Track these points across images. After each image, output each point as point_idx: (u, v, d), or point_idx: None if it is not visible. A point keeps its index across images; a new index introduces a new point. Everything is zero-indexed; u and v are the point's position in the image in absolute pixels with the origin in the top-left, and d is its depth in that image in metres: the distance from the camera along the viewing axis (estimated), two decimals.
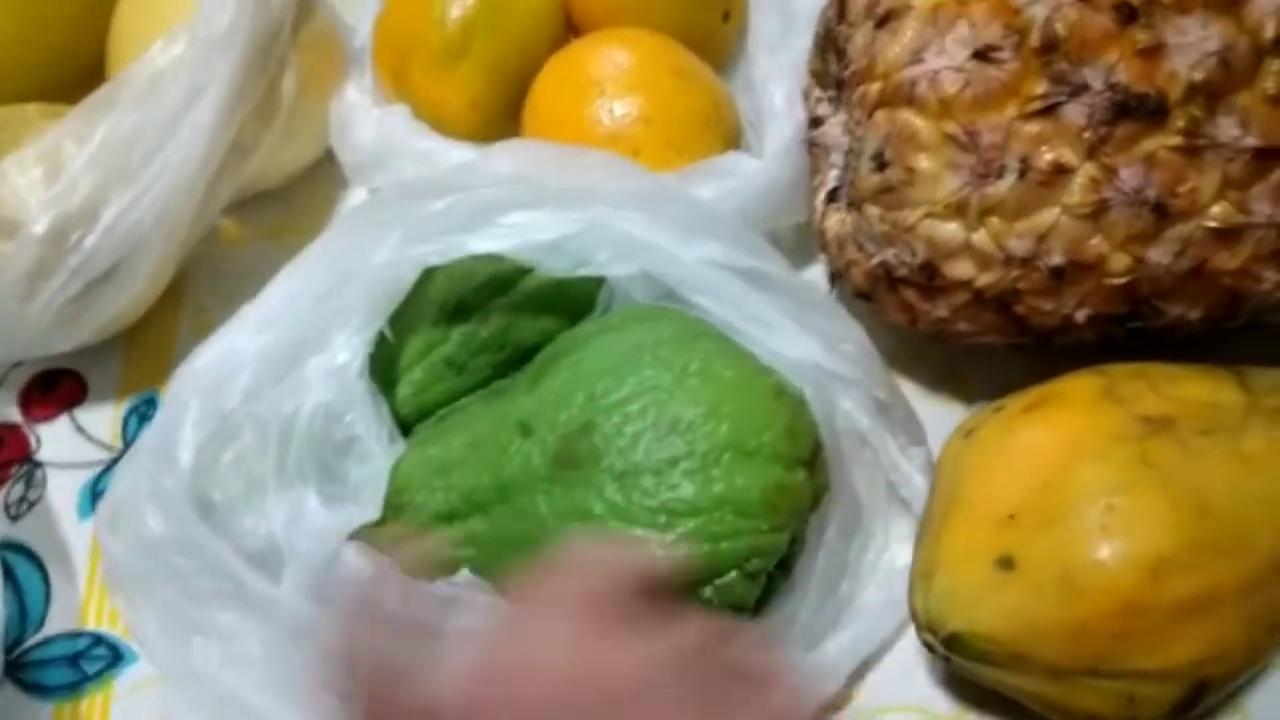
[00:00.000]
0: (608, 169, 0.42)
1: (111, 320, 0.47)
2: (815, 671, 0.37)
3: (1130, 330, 0.38)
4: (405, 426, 0.40)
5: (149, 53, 0.44)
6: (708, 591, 0.34)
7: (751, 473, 0.34)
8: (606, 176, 0.41)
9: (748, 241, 0.40)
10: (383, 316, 0.39)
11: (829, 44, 0.41)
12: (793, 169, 0.45)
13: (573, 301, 0.41)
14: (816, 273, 0.48)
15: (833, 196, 0.42)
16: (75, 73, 0.52)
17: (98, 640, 0.44)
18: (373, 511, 0.38)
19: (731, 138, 0.47)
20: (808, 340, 0.39)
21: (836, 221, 0.40)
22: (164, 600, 0.37)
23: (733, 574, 0.34)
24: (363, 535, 0.37)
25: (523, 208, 0.41)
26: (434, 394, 0.41)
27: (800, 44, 0.46)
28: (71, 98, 0.49)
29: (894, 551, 0.39)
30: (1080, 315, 0.37)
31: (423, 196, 0.41)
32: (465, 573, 0.35)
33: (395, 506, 0.38)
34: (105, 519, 0.39)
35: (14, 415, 0.49)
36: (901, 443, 0.40)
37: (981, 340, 0.40)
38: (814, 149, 0.43)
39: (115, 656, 0.43)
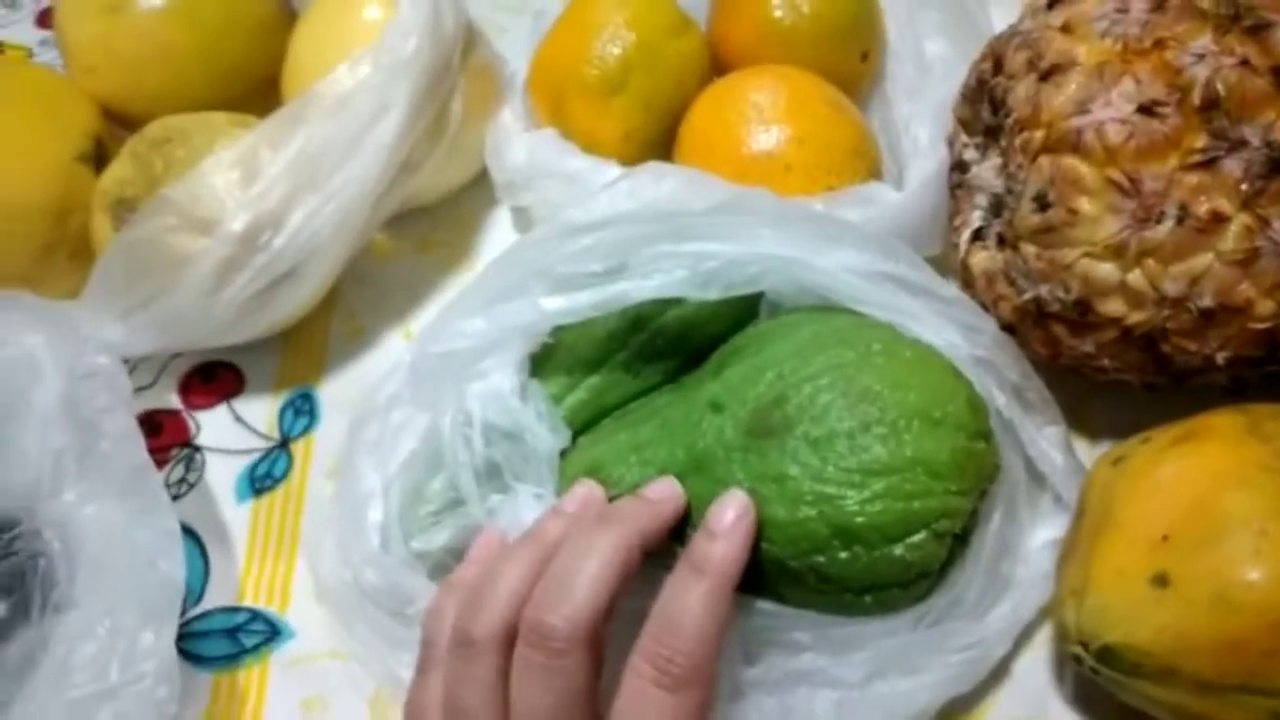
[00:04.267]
0: (747, 194, 0.44)
1: (280, 319, 0.50)
2: (985, 638, 0.39)
3: (1262, 374, 0.41)
4: (578, 430, 0.43)
5: (337, 73, 0.47)
6: (899, 549, 0.36)
7: (939, 438, 0.36)
8: (746, 201, 0.44)
9: (883, 247, 0.43)
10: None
11: (980, 94, 0.44)
12: (932, 203, 0.47)
13: (739, 311, 0.44)
14: None
15: (977, 235, 0.44)
16: (248, 87, 0.55)
17: (255, 616, 0.46)
18: None
19: (875, 168, 0.50)
20: (948, 328, 0.41)
21: (985, 258, 0.43)
22: (370, 619, 0.41)
23: (923, 533, 0.36)
24: None
25: (668, 240, 0.43)
26: (611, 397, 0.43)
27: (939, 90, 0.49)
28: (244, 110, 0.53)
29: (1037, 528, 0.42)
30: (1221, 357, 0.39)
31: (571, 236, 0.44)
32: None
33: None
34: (310, 548, 0.45)
35: (174, 402, 0.52)
36: (1038, 422, 0.42)
37: (1119, 377, 0.42)
38: (958, 191, 0.46)
39: (273, 632, 0.46)
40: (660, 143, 0.52)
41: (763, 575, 0.38)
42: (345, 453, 0.45)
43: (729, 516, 0.36)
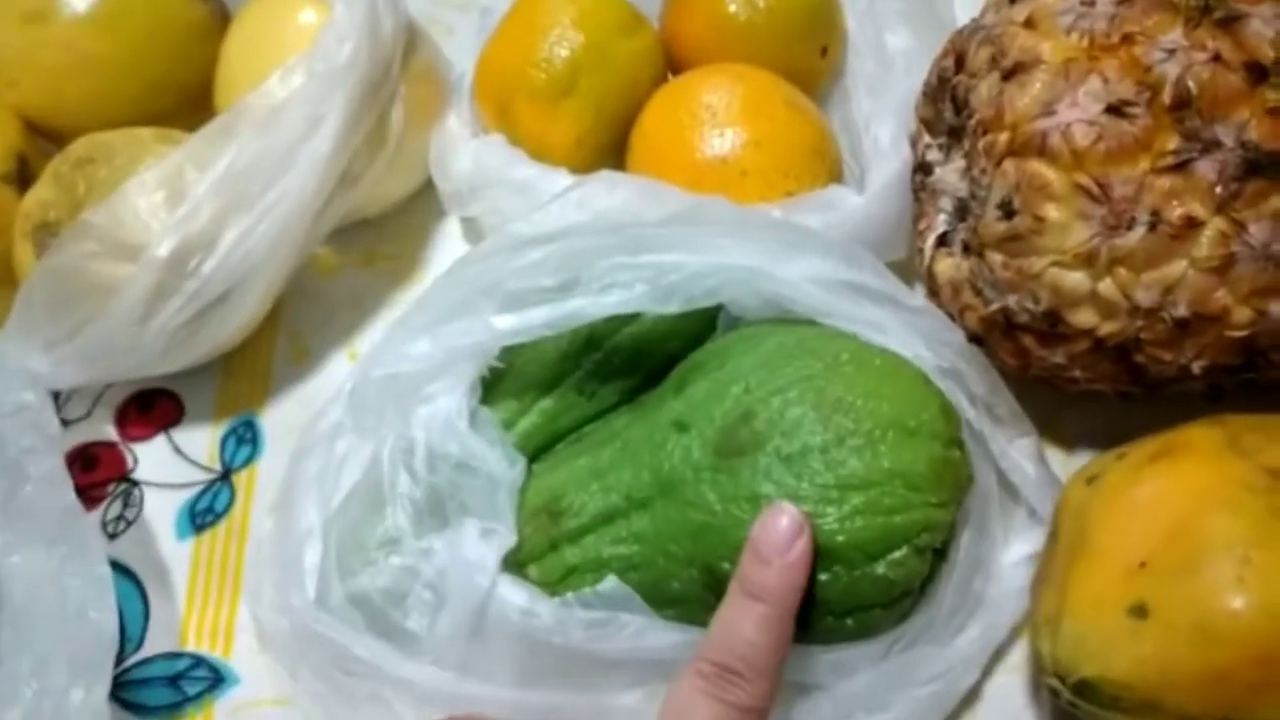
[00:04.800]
0: (703, 203, 0.43)
1: (217, 344, 0.47)
2: (954, 666, 0.38)
3: (1239, 381, 0.39)
4: (530, 457, 0.41)
5: (268, 84, 0.45)
6: (881, 567, 0.35)
7: (916, 448, 0.35)
8: (703, 210, 0.42)
9: (846, 255, 0.41)
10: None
11: (942, 93, 0.42)
12: (896, 206, 0.46)
13: (697, 326, 0.42)
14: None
15: (942, 241, 0.42)
16: (180, 97, 0.53)
17: (198, 662, 0.44)
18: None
19: (835, 170, 0.48)
20: (914, 339, 0.40)
21: (950, 266, 0.41)
22: (314, 666, 0.39)
23: (905, 549, 0.35)
24: (513, 565, 0.38)
25: (623, 252, 0.41)
26: (565, 421, 0.41)
27: (902, 86, 0.47)
28: (172, 124, 0.50)
29: (1010, 543, 0.40)
30: (1196, 366, 0.37)
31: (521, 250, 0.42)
32: (611, 580, 0.36)
33: (552, 514, 0.39)
34: (251, 592, 0.43)
35: (110, 434, 0.50)
36: (1009, 434, 0.41)
37: (1092, 387, 0.40)
38: (921, 193, 0.44)
39: (216, 678, 0.43)
40: (614, 147, 0.50)
41: None
42: (284, 487, 0.42)
43: (781, 537, 0.34)
